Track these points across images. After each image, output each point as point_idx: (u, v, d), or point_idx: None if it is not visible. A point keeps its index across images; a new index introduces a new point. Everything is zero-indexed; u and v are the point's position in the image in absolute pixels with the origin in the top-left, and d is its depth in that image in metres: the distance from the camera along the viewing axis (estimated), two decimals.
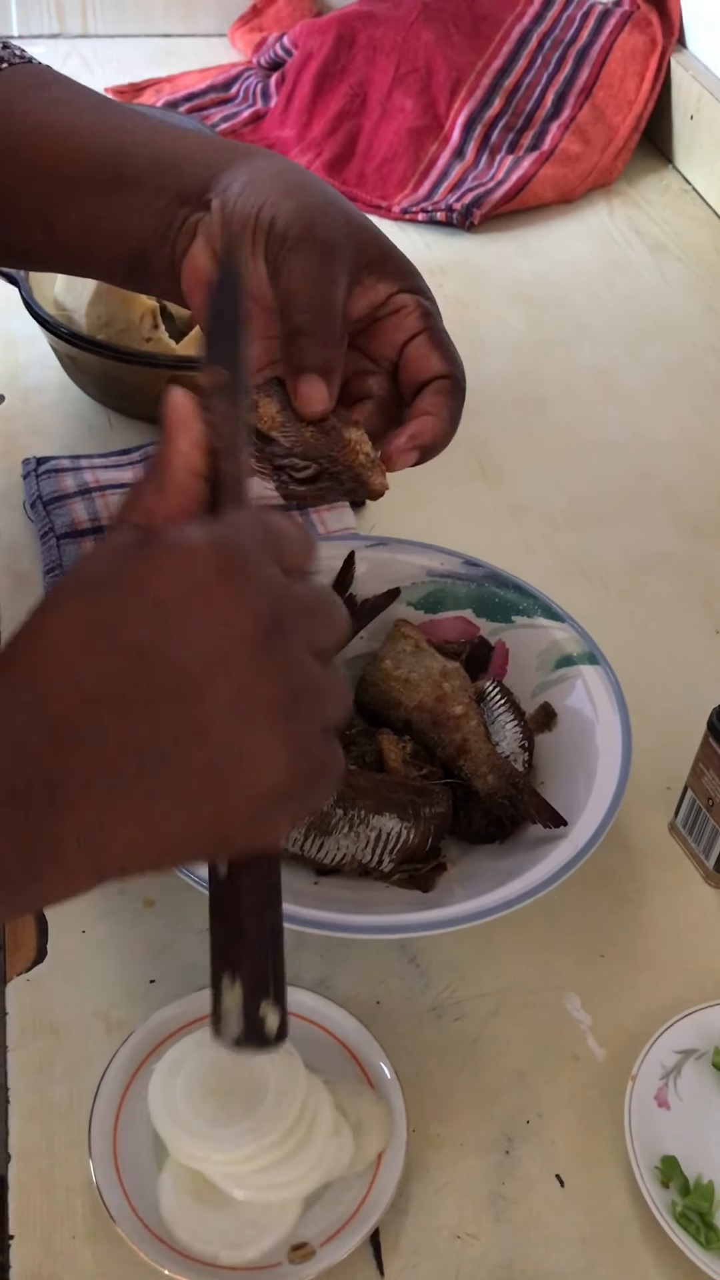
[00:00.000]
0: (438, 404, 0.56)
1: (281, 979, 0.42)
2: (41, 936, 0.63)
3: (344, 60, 1.35)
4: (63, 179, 0.60)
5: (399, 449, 0.55)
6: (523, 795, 0.65)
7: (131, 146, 0.60)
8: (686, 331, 1.13)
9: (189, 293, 0.59)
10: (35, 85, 0.64)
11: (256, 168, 0.57)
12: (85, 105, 0.62)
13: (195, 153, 0.59)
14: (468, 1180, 0.56)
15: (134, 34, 1.53)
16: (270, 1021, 0.41)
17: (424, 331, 0.56)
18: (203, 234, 0.57)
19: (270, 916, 0.42)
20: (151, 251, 0.59)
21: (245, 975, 0.41)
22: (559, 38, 1.38)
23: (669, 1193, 0.55)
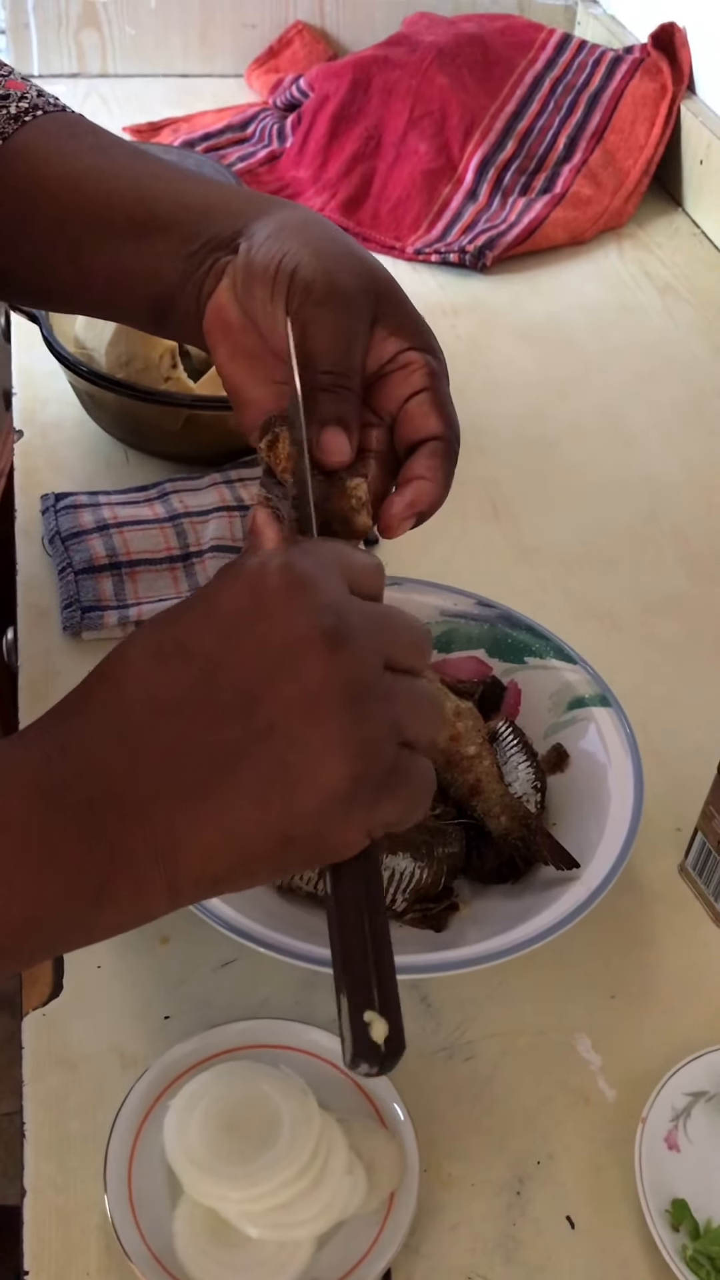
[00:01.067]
0: (433, 467, 0.56)
1: (388, 987, 0.41)
2: (57, 971, 0.64)
3: (360, 103, 1.37)
4: (95, 223, 0.61)
5: (398, 516, 0.56)
6: (535, 836, 0.66)
7: (164, 194, 0.61)
8: (695, 373, 1.15)
9: (209, 331, 0.60)
10: (70, 133, 0.65)
11: (283, 217, 0.58)
12: (119, 153, 0.64)
13: (227, 202, 0.61)
14: (479, 1221, 0.57)
15: (152, 74, 1.56)
16: (376, 1030, 0.40)
17: (427, 390, 0.56)
18: (228, 276, 0.59)
19: (369, 924, 0.41)
20: (177, 294, 0.61)
21: (348, 984, 0.41)
22: (571, 83, 1.41)
23: (680, 1236, 0.55)
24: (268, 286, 0.56)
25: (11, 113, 0.64)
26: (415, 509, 0.56)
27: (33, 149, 0.64)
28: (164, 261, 0.60)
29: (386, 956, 0.42)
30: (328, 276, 0.55)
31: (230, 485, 0.91)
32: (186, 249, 0.60)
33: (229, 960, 0.65)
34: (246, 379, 0.59)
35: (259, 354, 0.58)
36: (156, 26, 1.53)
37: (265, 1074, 0.57)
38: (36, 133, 0.64)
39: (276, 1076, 0.57)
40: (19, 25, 1.49)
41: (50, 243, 0.63)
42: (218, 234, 0.59)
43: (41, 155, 0.63)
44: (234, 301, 0.59)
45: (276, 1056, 0.59)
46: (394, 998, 0.41)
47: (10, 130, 0.64)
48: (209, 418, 0.90)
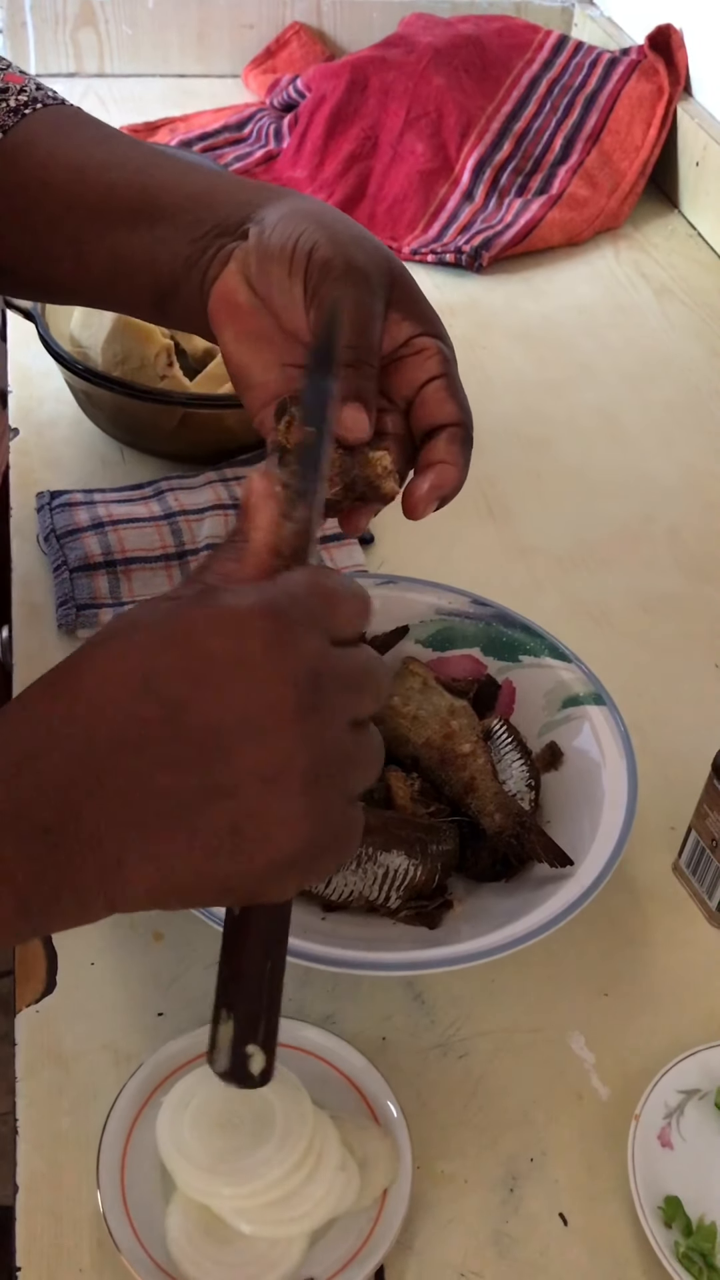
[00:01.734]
0: (453, 453, 0.57)
1: (273, 1024, 0.43)
2: (51, 968, 0.64)
3: (356, 103, 1.37)
4: (97, 211, 0.61)
5: (423, 498, 0.57)
6: (529, 834, 0.66)
7: (167, 182, 0.61)
8: (690, 375, 1.15)
9: (214, 315, 0.60)
10: (71, 125, 0.65)
11: (293, 203, 0.59)
12: (119, 144, 0.64)
13: (232, 190, 0.61)
14: (472, 1217, 0.57)
15: (149, 74, 1.56)
16: (255, 1063, 0.43)
17: (443, 376, 0.57)
18: (236, 260, 0.59)
19: (270, 962, 0.43)
20: (180, 280, 0.60)
21: (238, 1014, 0.43)
22: (568, 84, 1.41)
23: (672, 1233, 0.55)
24: (285, 265, 0.56)
25: (11, 105, 0.65)
26: (439, 492, 0.57)
27: (33, 141, 0.64)
28: (167, 247, 0.60)
29: (278, 994, 0.44)
30: (345, 255, 0.55)
31: (226, 483, 0.91)
32: (191, 235, 0.60)
33: None
34: (254, 361, 0.59)
35: (268, 336, 0.58)
36: (154, 26, 1.53)
37: None
38: (37, 125, 0.65)
39: None
40: (16, 24, 1.49)
41: (51, 233, 0.63)
42: (223, 220, 0.59)
43: (42, 147, 0.63)
44: (244, 284, 0.58)
45: None
46: (275, 1033, 0.44)
47: (10, 123, 0.64)
48: (204, 416, 0.90)
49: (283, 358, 0.59)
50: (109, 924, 0.66)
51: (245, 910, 0.43)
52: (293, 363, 0.59)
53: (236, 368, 0.60)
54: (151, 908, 0.42)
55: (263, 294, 0.58)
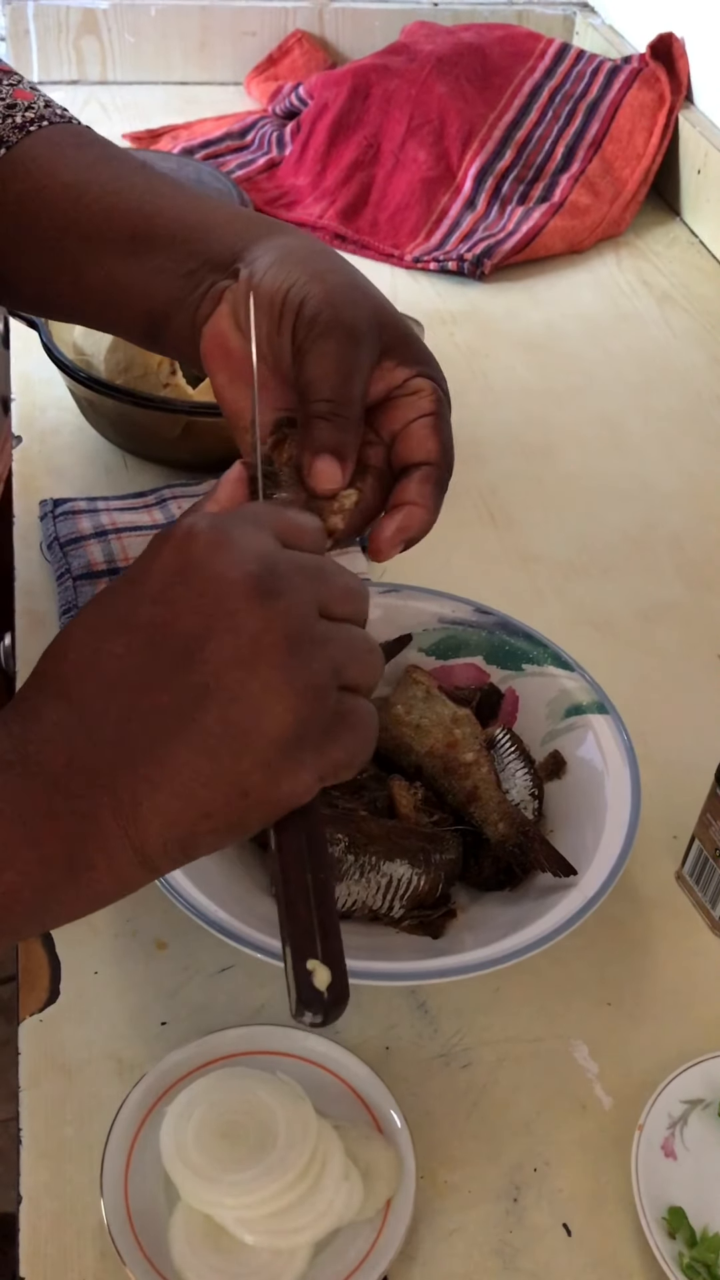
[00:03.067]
0: (424, 494, 0.56)
1: (332, 936, 0.41)
2: (54, 977, 0.64)
3: (359, 111, 1.37)
4: (94, 236, 0.61)
5: (388, 541, 0.56)
6: (533, 843, 0.66)
7: (166, 209, 0.61)
8: (693, 382, 1.15)
9: (207, 356, 0.60)
10: (75, 144, 0.65)
11: (287, 245, 0.58)
12: (122, 166, 0.64)
13: (227, 222, 0.61)
14: (476, 1228, 0.57)
15: (152, 81, 1.56)
16: (319, 977, 0.40)
17: (431, 415, 0.57)
18: (227, 301, 0.58)
19: (310, 875, 0.42)
20: (173, 313, 0.60)
21: (293, 936, 0.41)
22: (569, 92, 1.41)
23: (676, 1244, 0.55)
24: (274, 318, 0.56)
25: (17, 122, 0.65)
26: (405, 534, 0.57)
27: (36, 159, 0.64)
28: (160, 279, 0.60)
29: (329, 907, 0.42)
30: (333, 309, 0.55)
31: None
32: (184, 268, 0.60)
33: (226, 966, 0.65)
34: (247, 405, 0.59)
35: (260, 381, 0.58)
36: (156, 34, 1.53)
37: (262, 1080, 0.57)
38: (41, 143, 0.64)
39: (273, 1083, 0.57)
40: (19, 32, 1.49)
41: (50, 254, 0.63)
42: (215, 256, 0.59)
43: (44, 165, 0.63)
44: (234, 328, 0.58)
45: (273, 1063, 0.59)
46: (338, 946, 0.42)
47: (14, 139, 0.64)
48: (207, 424, 0.90)
49: (275, 403, 0.58)
50: (112, 933, 0.66)
51: (279, 832, 0.43)
52: (284, 407, 0.58)
53: (230, 410, 0.60)
54: (183, 845, 0.41)
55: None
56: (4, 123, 0.65)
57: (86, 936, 0.66)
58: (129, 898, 0.66)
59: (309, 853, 0.43)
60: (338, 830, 0.65)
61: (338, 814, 0.66)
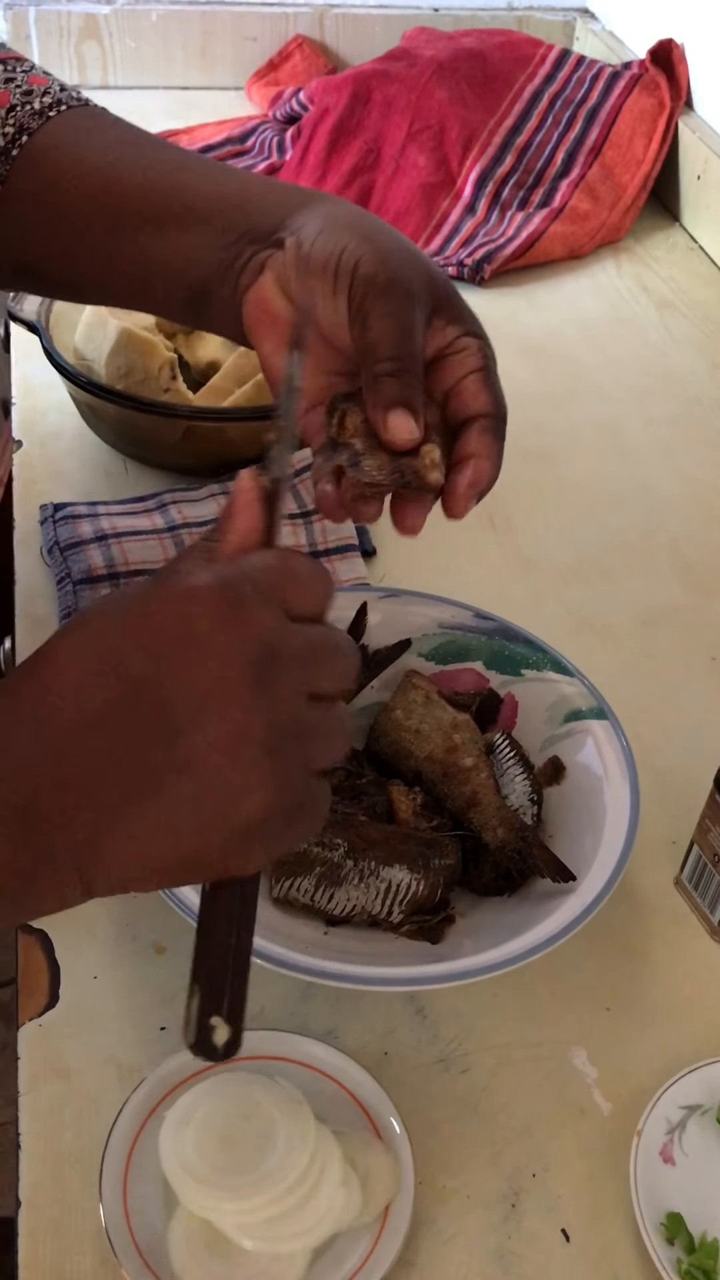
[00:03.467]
0: (485, 445, 0.58)
1: (239, 998, 0.44)
2: (54, 982, 0.64)
3: (359, 116, 1.38)
4: (128, 213, 0.61)
5: (463, 496, 0.57)
6: (532, 849, 0.66)
7: (198, 184, 0.61)
8: (692, 387, 1.15)
9: (252, 326, 0.60)
10: (98, 125, 0.65)
11: (331, 212, 0.59)
12: (149, 145, 0.64)
13: (265, 194, 0.61)
14: (474, 1233, 0.57)
15: (153, 86, 1.56)
16: (218, 1036, 0.43)
17: (480, 370, 0.58)
18: (272, 270, 0.59)
19: (236, 935, 0.44)
20: (213, 285, 0.61)
21: (203, 987, 0.44)
22: (569, 98, 1.41)
23: (674, 1250, 0.55)
24: (329, 281, 0.57)
25: (36, 108, 0.65)
26: (477, 487, 0.58)
27: (61, 142, 0.64)
28: (199, 252, 0.60)
29: (244, 970, 0.44)
30: (388, 270, 0.56)
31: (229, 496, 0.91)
32: (223, 240, 0.60)
33: None
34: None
35: (308, 345, 0.58)
36: (157, 39, 1.54)
37: (261, 1086, 0.57)
38: (64, 126, 0.64)
39: (272, 1088, 0.57)
40: (21, 36, 1.49)
41: (81, 233, 0.63)
42: (255, 226, 0.59)
43: (70, 148, 0.63)
44: (279, 294, 0.59)
45: (272, 1068, 0.59)
46: (242, 1008, 0.44)
47: (36, 125, 0.64)
48: (208, 429, 0.90)
49: (322, 366, 0.59)
50: (112, 938, 0.66)
51: (214, 886, 0.44)
52: (332, 370, 0.59)
53: (276, 375, 0.60)
54: (126, 888, 0.43)
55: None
56: (24, 110, 0.65)
57: (86, 941, 0.66)
58: (128, 903, 0.67)
59: (240, 913, 0.44)
60: (337, 835, 0.65)
61: (337, 819, 0.66)
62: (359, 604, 0.77)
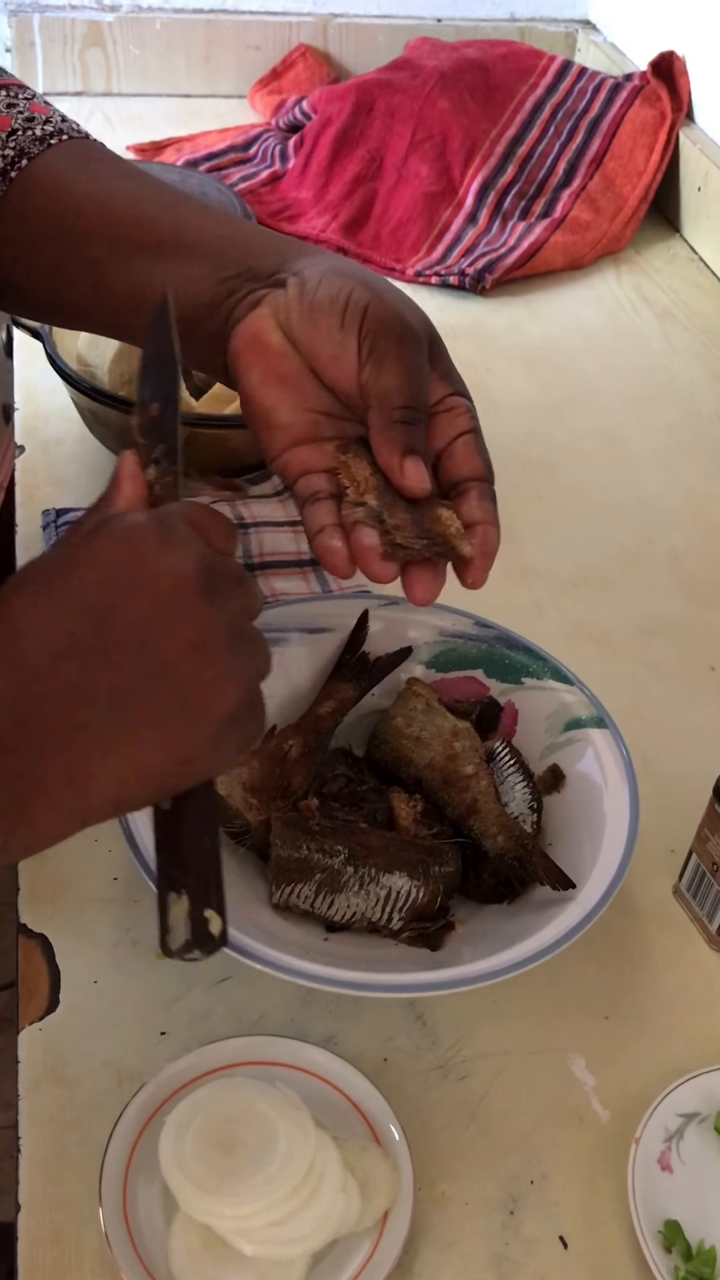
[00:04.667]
0: (487, 511, 0.59)
1: (221, 891, 0.47)
2: (54, 986, 0.64)
3: (362, 125, 1.38)
4: (122, 241, 0.62)
5: (480, 566, 0.59)
6: (532, 857, 0.66)
7: (198, 221, 0.62)
8: (692, 398, 1.16)
9: (239, 354, 0.60)
10: (97, 157, 0.66)
11: (331, 261, 0.60)
12: (147, 180, 0.65)
13: (263, 239, 0.62)
14: (472, 1240, 0.57)
15: (156, 93, 1.57)
16: (213, 926, 0.46)
17: (471, 432, 0.59)
18: (269, 305, 0.59)
19: (209, 838, 0.48)
20: (203, 318, 0.61)
21: (190, 887, 0.47)
22: (571, 109, 1.42)
23: (672, 1257, 0.56)
24: (337, 317, 0.58)
25: (37, 134, 0.65)
26: (490, 556, 0.59)
27: (59, 170, 0.64)
28: (193, 284, 0.61)
29: (220, 866, 0.48)
30: (401, 318, 0.57)
31: (229, 503, 0.92)
32: (219, 275, 0.60)
33: (225, 977, 0.65)
34: (279, 403, 0.60)
35: (295, 380, 0.59)
36: (161, 47, 1.54)
37: (260, 1091, 0.57)
38: (64, 155, 0.65)
39: (272, 1094, 0.57)
40: (25, 44, 1.50)
41: (73, 258, 0.63)
42: (255, 267, 0.60)
43: (68, 176, 0.64)
44: (276, 328, 0.59)
45: (272, 1073, 0.59)
46: (224, 901, 0.47)
47: (36, 151, 0.65)
48: (210, 436, 0.90)
49: (308, 403, 0.60)
50: (112, 942, 0.66)
51: (180, 800, 0.47)
52: (317, 409, 0.60)
53: (261, 409, 0.60)
54: (120, 806, 0.45)
55: (305, 342, 0.58)
56: (25, 135, 0.65)
57: (86, 946, 0.66)
58: (128, 908, 0.67)
59: (208, 818, 0.48)
60: (337, 842, 0.65)
61: (337, 826, 0.66)
62: (360, 611, 0.77)
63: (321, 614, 0.77)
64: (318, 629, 0.77)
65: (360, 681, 0.75)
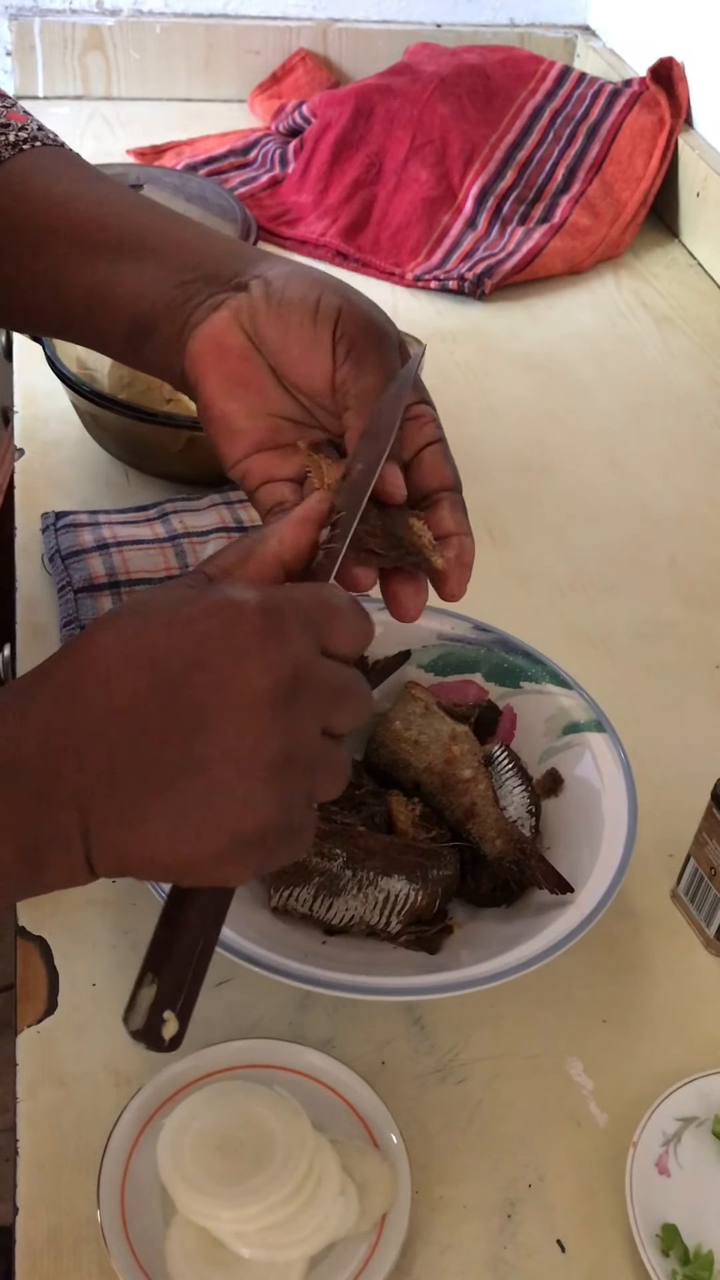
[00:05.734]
0: (459, 521, 0.58)
1: (193, 997, 0.46)
2: (52, 989, 0.64)
3: (361, 130, 1.39)
4: (82, 241, 0.62)
5: (457, 578, 0.57)
6: (530, 860, 0.66)
7: (157, 225, 0.62)
8: (690, 404, 1.16)
9: (197, 359, 0.59)
10: (66, 163, 0.66)
11: (292, 265, 0.60)
12: (113, 186, 0.65)
13: (225, 243, 0.62)
14: (470, 1243, 0.57)
15: (156, 97, 1.57)
16: (168, 1029, 0.45)
17: (438, 442, 0.58)
18: (229, 309, 0.58)
19: (204, 938, 0.46)
20: (160, 320, 0.60)
21: (163, 980, 0.45)
22: (570, 114, 1.42)
23: (669, 1261, 0.56)
24: (308, 315, 0.57)
25: (10, 140, 0.65)
26: (468, 566, 0.58)
27: (26, 173, 0.64)
28: (151, 286, 0.60)
29: (202, 973, 0.46)
30: (373, 319, 0.57)
31: (230, 506, 0.92)
32: (178, 278, 0.60)
33: (223, 980, 0.65)
34: (238, 408, 0.59)
35: (255, 384, 0.58)
36: (161, 51, 1.54)
37: (258, 1094, 0.57)
38: (32, 160, 0.65)
39: (270, 1097, 0.57)
40: (25, 47, 1.50)
41: (31, 259, 0.63)
42: (215, 270, 0.59)
43: (34, 179, 0.64)
44: (238, 330, 0.58)
45: (270, 1077, 0.59)
46: (193, 1006, 0.46)
47: (6, 155, 0.65)
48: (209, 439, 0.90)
49: (269, 408, 0.58)
50: (110, 945, 0.66)
51: (186, 895, 0.46)
52: (279, 414, 0.59)
53: (220, 414, 0.59)
54: (125, 873, 0.44)
55: (273, 341, 0.57)
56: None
57: (84, 949, 0.66)
58: (127, 911, 0.67)
59: (212, 919, 0.47)
60: (336, 845, 0.65)
61: (335, 829, 0.66)
62: None
63: None
64: None
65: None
